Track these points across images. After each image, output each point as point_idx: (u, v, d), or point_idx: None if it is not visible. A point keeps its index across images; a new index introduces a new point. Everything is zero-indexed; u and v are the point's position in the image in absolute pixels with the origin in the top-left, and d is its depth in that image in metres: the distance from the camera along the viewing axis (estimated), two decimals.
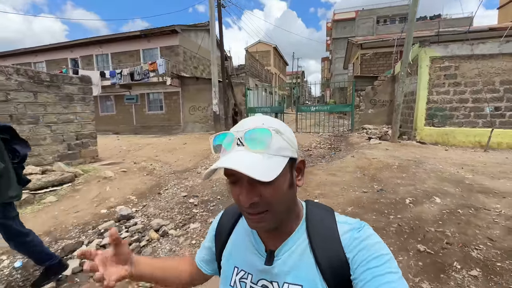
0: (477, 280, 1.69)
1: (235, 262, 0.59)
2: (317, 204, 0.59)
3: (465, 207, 2.77)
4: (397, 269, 0.45)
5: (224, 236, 0.63)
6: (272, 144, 0.46)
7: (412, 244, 2.16)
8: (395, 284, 0.42)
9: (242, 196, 0.46)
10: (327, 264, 0.49)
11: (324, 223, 0.53)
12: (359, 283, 0.45)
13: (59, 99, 5.10)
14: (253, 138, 0.46)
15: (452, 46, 6.85)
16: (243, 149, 0.46)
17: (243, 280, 0.56)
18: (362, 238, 0.48)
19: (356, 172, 4.49)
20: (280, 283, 0.52)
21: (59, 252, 2.62)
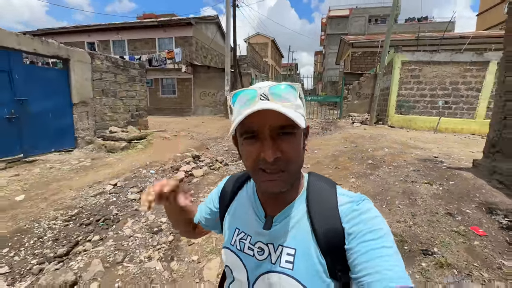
0: (390, 171, 3.81)
1: (236, 224, 0.63)
2: (319, 176, 0.60)
3: (400, 152, 4.93)
4: (393, 243, 0.45)
5: (228, 200, 0.67)
6: (295, 101, 0.48)
7: (367, 162, 4.28)
8: (389, 258, 0.42)
9: (266, 150, 0.46)
10: (322, 231, 0.50)
11: (324, 193, 0.54)
12: (353, 254, 0.45)
13: (127, 80, 6.86)
14: (278, 92, 0.46)
15: (418, 54, 9.03)
16: (268, 102, 0.46)
17: (242, 241, 0.59)
18: (360, 211, 0.49)
19: (341, 140, 6.61)
20: (275, 246, 0.54)
21: (170, 169, 4.57)
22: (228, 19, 11.53)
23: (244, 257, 0.58)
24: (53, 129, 5.08)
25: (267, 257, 0.54)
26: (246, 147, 0.49)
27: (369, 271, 0.42)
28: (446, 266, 1.80)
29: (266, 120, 0.45)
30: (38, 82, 4.72)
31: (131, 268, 2.12)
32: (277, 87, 0.47)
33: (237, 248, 0.60)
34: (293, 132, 0.47)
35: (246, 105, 0.46)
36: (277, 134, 0.47)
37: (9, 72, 4.29)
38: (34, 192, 3.39)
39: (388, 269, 0.41)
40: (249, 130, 0.47)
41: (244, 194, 0.65)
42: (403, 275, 0.41)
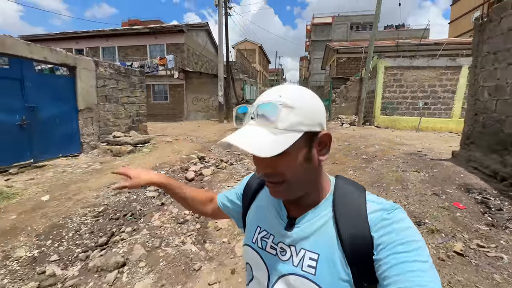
0: (382, 163, 4.29)
1: (258, 222, 0.62)
2: (348, 180, 0.57)
3: (389, 148, 5.46)
4: (428, 257, 0.42)
5: (250, 197, 0.67)
6: (280, 119, 0.45)
7: (361, 157, 4.76)
8: (423, 273, 0.39)
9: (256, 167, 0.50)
10: (349, 238, 0.47)
11: (352, 198, 0.52)
12: (382, 265, 0.42)
13: (128, 86, 7.05)
14: (262, 113, 0.46)
15: (399, 59, 9.82)
16: (254, 123, 0.47)
17: (264, 239, 0.59)
18: (392, 220, 0.46)
19: (333, 139, 7.11)
20: (297, 248, 0.53)
21: (180, 170, 4.83)
22: (220, 27, 11.94)
23: (266, 256, 0.57)
24: (61, 134, 5.20)
25: (289, 258, 0.53)
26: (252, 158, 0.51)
27: (400, 286, 0.39)
28: (436, 231, 2.24)
29: None
30: (47, 89, 4.86)
31: (170, 251, 2.40)
32: (263, 106, 0.47)
33: (258, 246, 0.59)
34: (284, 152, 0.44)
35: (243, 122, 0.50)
36: None
37: (21, 80, 4.43)
38: (57, 193, 3.56)
39: (421, 285, 0.38)
40: None
41: (266, 192, 0.63)
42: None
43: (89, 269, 2.14)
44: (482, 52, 3.49)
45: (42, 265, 2.19)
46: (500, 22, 3.23)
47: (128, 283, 1.98)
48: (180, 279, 2.04)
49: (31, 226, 2.73)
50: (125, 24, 45.18)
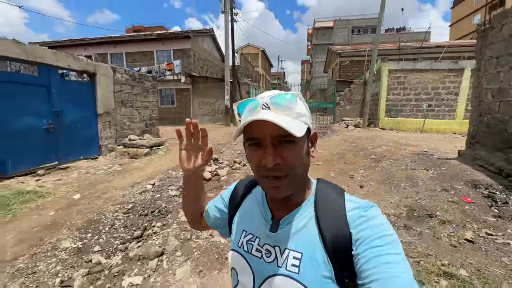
0: (391, 163, 4.49)
1: (243, 226, 0.64)
2: (327, 182, 0.60)
3: (396, 148, 5.66)
4: (401, 250, 0.45)
5: (237, 203, 0.68)
6: (296, 109, 0.49)
7: (370, 157, 4.96)
8: (396, 265, 0.42)
9: (266, 157, 0.48)
10: (330, 236, 0.50)
11: (332, 198, 0.55)
12: (361, 259, 0.45)
13: (142, 91, 7.33)
14: (279, 102, 0.49)
15: (402, 63, 10.05)
16: (269, 111, 0.49)
17: (250, 242, 0.60)
18: (368, 217, 0.49)
19: (341, 141, 7.32)
20: (282, 248, 0.54)
21: None
22: (226, 33, 12.26)
23: (251, 259, 0.58)
24: (82, 138, 5.46)
25: (274, 259, 0.55)
26: (250, 153, 0.52)
27: (376, 277, 0.41)
28: (447, 222, 2.43)
29: (266, 129, 0.47)
30: (70, 95, 5.13)
31: (201, 242, 2.60)
32: (278, 97, 0.49)
33: (244, 250, 0.60)
34: (293, 140, 0.48)
35: (250, 114, 0.50)
36: (278, 141, 0.48)
37: (48, 86, 4.70)
38: (86, 192, 3.79)
39: (396, 275, 0.41)
40: (252, 137, 0.50)
41: (252, 198, 0.66)
42: (410, 282, 0.40)
43: (130, 258, 2.35)
44: (485, 56, 3.71)
45: (87, 255, 2.40)
46: (501, 29, 3.45)
47: (170, 269, 2.19)
48: (215, 266, 2.25)
49: (69, 221, 2.96)
50: (129, 30, 45.93)
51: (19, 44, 4.18)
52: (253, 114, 0.49)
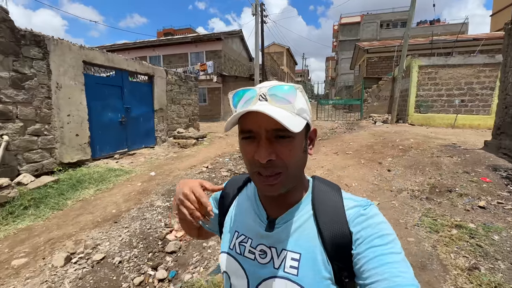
0: (418, 152, 4.89)
1: (235, 227, 0.60)
2: (323, 180, 0.58)
3: (424, 141, 5.98)
4: (401, 249, 0.44)
5: (228, 202, 0.65)
6: (295, 103, 0.46)
7: (397, 148, 5.38)
8: (397, 264, 0.41)
9: (260, 152, 0.45)
10: (329, 235, 0.49)
11: (330, 196, 0.53)
12: (361, 259, 0.44)
13: (186, 90, 8.31)
14: (277, 94, 0.46)
15: (433, 58, 10.03)
16: (266, 103, 0.46)
17: (242, 244, 0.57)
18: (368, 216, 0.48)
19: (369, 135, 7.70)
20: (279, 249, 0.52)
21: (238, 158, 5.83)
22: (256, 34, 13.00)
23: (244, 261, 0.55)
24: (143, 130, 6.52)
25: (269, 261, 0.52)
26: (244, 147, 0.49)
27: (378, 278, 0.41)
28: (464, 195, 2.92)
29: (262, 122, 0.45)
30: (135, 94, 6.18)
31: None
32: (277, 88, 0.46)
33: (236, 252, 0.57)
34: (290, 135, 0.45)
35: (245, 104, 0.47)
36: (273, 136, 0.46)
37: (121, 87, 5.77)
38: (157, 171, 4.74)
39: (397, 275, 0.40)
40: (246, 130, 0.47)
41: (244, 196, 0.63)
42: (413, 282, 0.40)
43: None
44: (511, 53, 3.99)
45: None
46: None
47: None
48: None
49: (154, 190, 3.87)
50: (160, 33, 48.74)
51: (103, 53, 5.25)
52: (249, 104, 0.46)
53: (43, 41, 4.08)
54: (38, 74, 4.03)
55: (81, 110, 4.73)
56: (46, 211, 3.15)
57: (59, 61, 4.32)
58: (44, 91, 4.12)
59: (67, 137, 4.49)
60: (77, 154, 4.68)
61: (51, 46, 4.19)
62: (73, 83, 4.56)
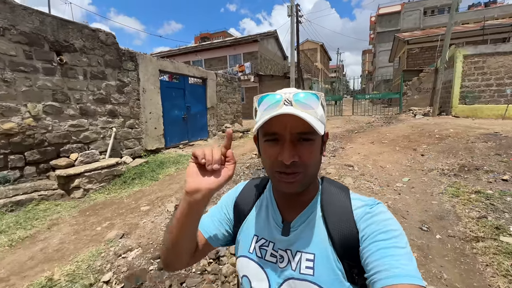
0: (454, 140, 5.14)
1: (255, 231, 0.62)
2: (332, 181, 0.61)
3: (464, 131, 6.09)
4: (406, 244, 0.45)
5: (247, 207, 0.65)
6: (317, 109, 0.49)
7: (434, 137, 5.65)
8: (399, 257, 0.43)
9: (284, 153, 0.48)
10: (338, 234, 0.51)
11: (338, 197, 0.56)
12: (365, 253, 0.47)
13: (231, 90, 9.38)
14: (302, 100, 0.48)
15: (480, 47, 9.59)
16: (291, 108, 0.47)
17: (263, 248, 0.59)
18: (373, 213, 0.51)
19: (407, 127, 7.87)
20: (293, 251, 0.55)
21: None
22: (292, 34, 13.62)
23: (266, 265, 0.57)
24: (199, 125, 7.71)
25: (287, 263, 0.55)
26: (266, 149, 0.51)
27: (379, 269, 0.42)
28: (490, 172, 3.32)
29: (288, 125, 0.47)
30: (193, 94, 7.38)
31: None
32: (301, 94, 0.49)
33: (257, 256, 0.59)
34: (312, 138, 0.49)
35: (270, 108, 0.48)
36: (297, 139, 0.49)
37: (184, 89, 6.99)
38: None
39: (397, 267, 0.41)
40: (271, 132, 0.49)
41: (263, 201, 0.65)
42: (414, 274, 0.41)
43: None
44: None
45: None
46: None
47: None
48: None
49: None
50: (197, 38, 51.91)
51: (172, 62, 6.48)
52: (275, 109, 0.48)
53: (135, 56, 5.37)
54: (131, 82, 5.32)
55: (158, 108, 5.99)
56: (147, 181, 4.34)
57: (144, 71, 5.60)
58: (135, 94, 5.42)
59: (149, 129, 5.78)
60: (155, 143, 5.96)
61: (139, 60, 5.47)
62: (153, 87, 5.83)
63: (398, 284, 0.39)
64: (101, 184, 4.05)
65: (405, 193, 3.19)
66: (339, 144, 6.36)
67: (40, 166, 3.85)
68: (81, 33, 4.33)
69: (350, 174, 4.10)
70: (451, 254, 2.03)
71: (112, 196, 3.84)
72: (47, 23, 3.87)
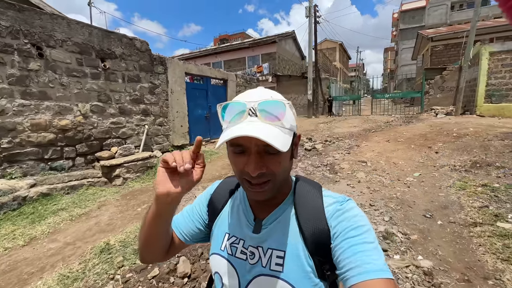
0: (471, 139, 5.15)
1: (226, 229, 0.63)
2: (306, 180, 0.62)
3: (484, 130, 6.02)
4: (374, 239, 0.48)
5: (220, 205, 0.67)
6: (285, 118, 0.48)
7: (452, 135, 5.67)
8: (369, 252, 0.45)
9: (250, 166, 0.47)
10: (310, 232, 0.52)
11: (310, 195, 0.57)
12: (337, 251, 0.48)
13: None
14: (267, 110, 0.47)
15: (508, 43, 9.22)
16: (256, 119, 0.46)
17: (234, 245, 0.60)
18: (344, 210, 0.52)
19: (425, 126, 7.82)
20: (264, 248, 0.56)
21: (299, 146, 6.92)
22: (310, 35, 13.79)
23: (236, 261, 0.59)
24: (220, 124, 8.17)
25: (258, 260, 0.56)
26: (234, 158, 0.51)
27: (351, 266, 0.44)
28: (501, 168, 3.43)
29: (253, 139, 0.45)
30: (214, 94, 7.88)
31: (317, 174, 4.38)
32: (266, 103, 0.47)
33: (228, 253, 0.60)
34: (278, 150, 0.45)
35: (235, 119, 0.48)
36: (264, 151, 0.48)
37: (206, 90, 7.51)
38: None
39: (368, 262, 0.43)
40: (236, 144, 0.49)
41: (236, 199, 0.66)
42: (382, 268, 0.43)
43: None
44: None
45: None
46: None
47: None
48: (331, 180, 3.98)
49: None
50: (216, 39, 53.12)
51: (196, 65, 7.02)
52: (240, 119, 0.47)
53: (164, 61, 5.94)
54: (161, 84, 5.90)
55: (183, 108, 6.54)
56: None
57: (172, 74, 6.16)
58: (164, 95, 5.99)
59: (176, 127, 6.34)
60: (181, 139, 6.51)
61: (168, 63, 6.03)
62: (179, 89, 6.38)
63: (369, 280, 0.41)
64: (136, 174, 4.62)
65: (415, 186, 3.39)
66: (355, 142, 6.54)
67: (87, 157, 4.49)
68: (120, 41, 4.94)
69: (363, 169, 4.33)
70: (449, 236, 2.27)
71: (146, 184, 4.38)
72: (94, 34, 4.50)
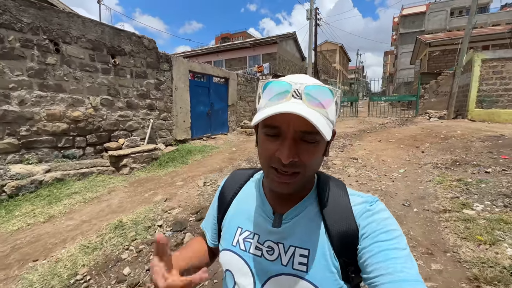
0: (457, 140, 5.51)
1: (238, 223, 0.59)
2: (329, 176, 0.59)
3: (470, 133, 6.38)
4: (406, 246, 0.44)
5: (229, 198, 0.64)
6: (330, 108, 0.45)
7: (439, 137, 6.02)
8: (402, 260, 0.42)
9: (283, 151, 0.44)
10: (337, 230, 0.49)
11: (336, 193, 0.54)
12: (366, 253, 0.45)
13: (250, 89, 10.10)
14: (314, 95, 0.44)
15: (499, 51, 9.60)
16: (300, 102, 0.43)
17: (247, 240, 0.56)
18: (374, 211, 0.49)
19: (417, 129, 8.18)
20: (286, 245, 0.52)
21: None
22: (310, 37, 14.12)
23: (250, 258, 0.55)
24: (221, 120, 8.51)
25: (277, 257, 0.52)
26: (265, 142, 0.48)
27: (382, 272, 0.41)
28: (477, 166, 3.77)
29: (292, 121, 0.43)
30: (216, 92, 8.18)
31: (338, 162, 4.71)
32: (314, 88, 0.44)
33: (240, 249, 0.56)
34: (317, 139, 0.44)
35: (276, 98, 0.45)
36: (300, 137, 0.45)
37: (209, 87, 7.81)
38: (236, 148, 6.53)
39: (401, 270, 0.40)
40: (272, 126, 0.45)
41: (247, 191, 0.63)
42: (417, 278, 0.40)
43: None
44: None
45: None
46: None
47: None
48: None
49: (238, 158, 5.60)
50: (218, 38, 53.30)
51: (199, 64, 7.31)
52: (283, 99, 0.44)
53: (170, 58, 6.24)
54: (166, 81, 6.19)
55: (186, 104, 6.84)
56: (179, 164, 5.16)
57: (177, 71, 6.46)
58: (168, 91, 6.29)
59: (179, 122, 6.64)
60: (183, 134, 6.81)
61: (173, 61, 6.33)
62: (183, 86, 6.68)
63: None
64: (142, 164, 4.92)
65: (398, 181, 3.73)
66: (349, 141, 6.88)
67: (96, 147, 4.78)
68: (130, 39, 5.23)
69: (353, 165, 4.66)
70: (421, 221, 2.60)
71: (152, 174, 4.68)
72: (106, 32, 4.79)
